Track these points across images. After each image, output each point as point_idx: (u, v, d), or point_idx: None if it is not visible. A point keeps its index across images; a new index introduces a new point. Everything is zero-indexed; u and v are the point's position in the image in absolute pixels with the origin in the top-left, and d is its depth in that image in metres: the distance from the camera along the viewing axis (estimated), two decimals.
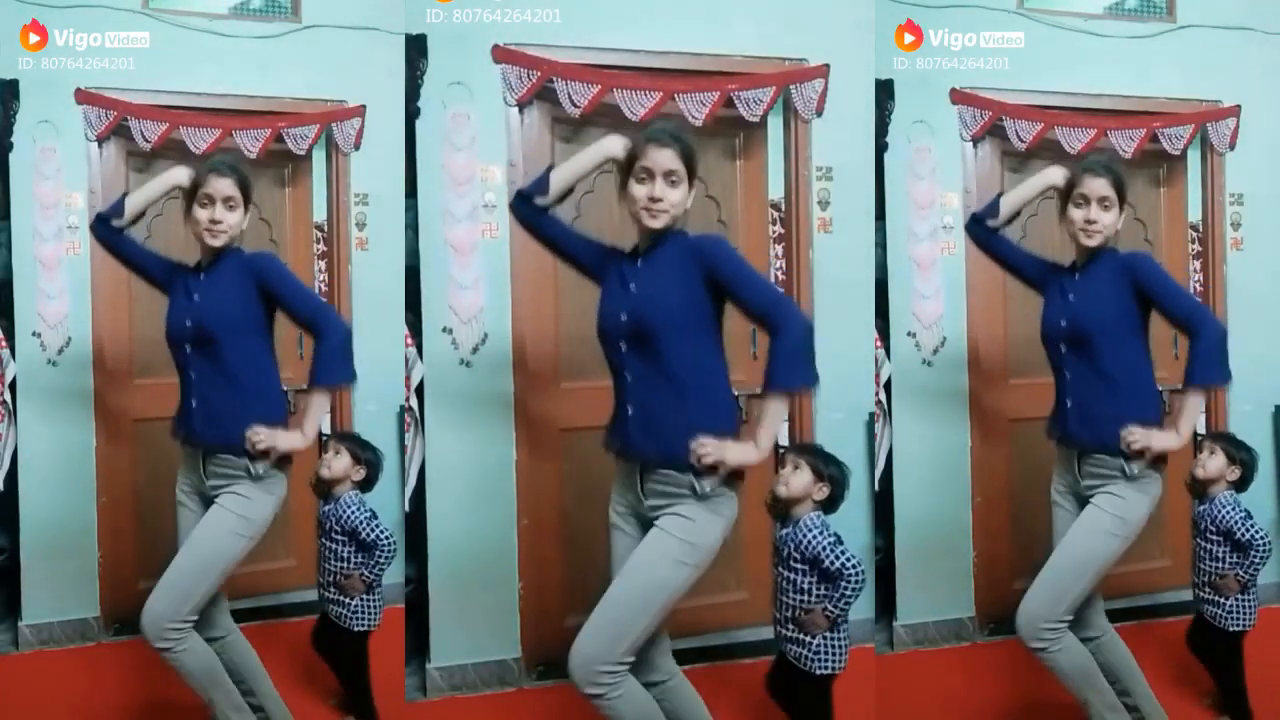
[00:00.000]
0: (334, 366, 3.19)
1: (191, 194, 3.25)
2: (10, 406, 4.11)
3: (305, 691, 3.81)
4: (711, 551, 2.86)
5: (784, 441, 4.26)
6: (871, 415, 4.09)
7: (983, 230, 3.38)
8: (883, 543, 4.08)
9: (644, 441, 2.85)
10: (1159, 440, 3.13)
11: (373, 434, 4.28)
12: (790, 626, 3.29)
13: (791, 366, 2.80)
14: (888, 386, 4.12)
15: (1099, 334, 3.19)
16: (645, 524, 2.89)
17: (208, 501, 3.24)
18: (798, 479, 3.32)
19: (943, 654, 4.18)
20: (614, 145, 2.92)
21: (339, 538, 3.63)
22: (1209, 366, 3.10)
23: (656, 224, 2.86)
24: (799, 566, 3.27)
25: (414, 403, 3.82)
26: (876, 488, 4.08)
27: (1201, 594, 3.74)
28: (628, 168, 2.90)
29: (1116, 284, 3.21)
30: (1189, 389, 3.13)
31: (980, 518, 4.27)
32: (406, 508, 3.78)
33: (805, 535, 3.26)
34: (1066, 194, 3.30)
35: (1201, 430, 4.62)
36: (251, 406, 3.19)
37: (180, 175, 3.27)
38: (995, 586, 4.30)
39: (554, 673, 3.94)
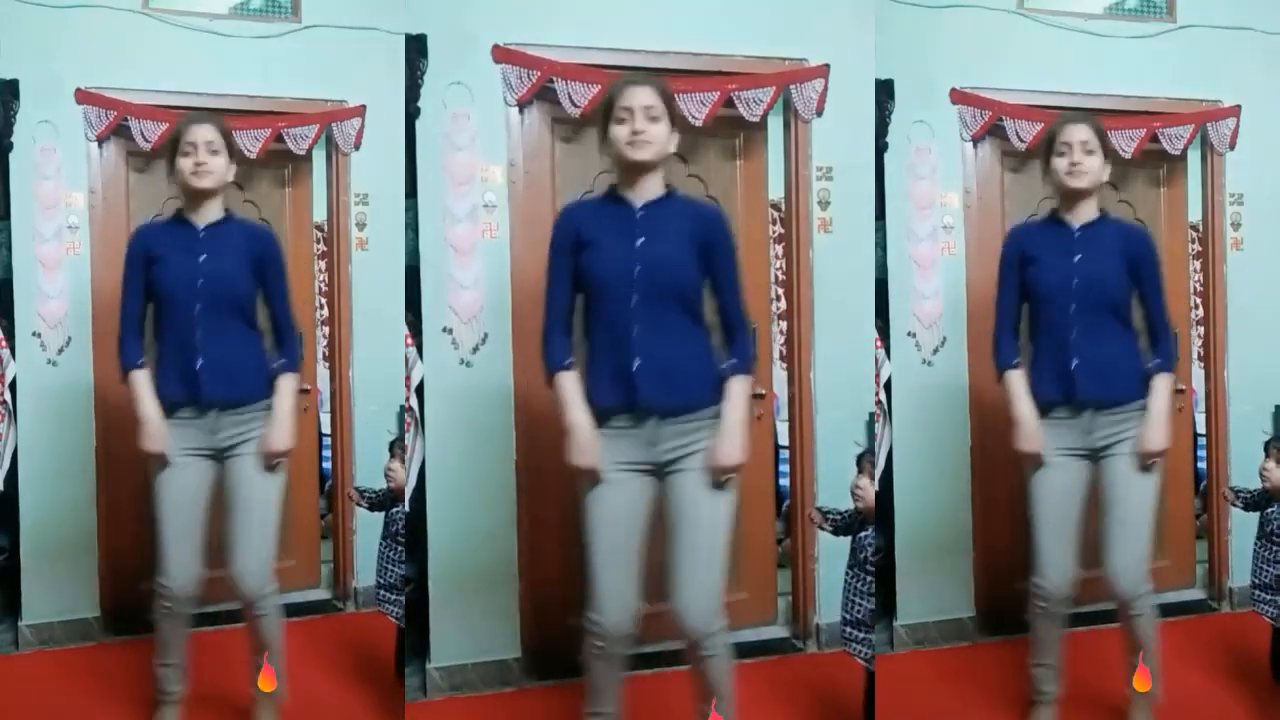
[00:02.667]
0: (292, 356, 3.30)
1: (173, 152, 3.25)
2: (10, 406, 4.11)
3: (307, 690, 3.81)
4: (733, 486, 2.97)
5: (784, 441, 4.27)
6: (871, 415, 4.09)
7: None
8: (883, 543, 4.08)
9: (657, 393, 2.89)
10: (1153, 438, 3.22)
11: (373, 434, 4.30)
12: (856, 629, 3.40)
13: (745, 356, 2.93)
14: (888, 386, 4.12)
15: (1114, 290, 3.26)
16: (659, 470, 2.95)
17: (216, 455, 3.27)
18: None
19: (943, 654, 4.18)
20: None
21: (399, 539, 3.72)
22: (1167, 357, 3.26)
23: (642, 155, 2.87)
24: (864, 574, 3.37)
25: (414, 403, 3.82)
26: (877, 488, 4.08)
27: (1260, 595, 3.72)
28: (606, 117, 2.91)
29: (1119, 250, 3.27)
30: (1157, 373, 3.24)
31: (980, 518, 4.27)
32: (406, 508, 3.78)
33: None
34: (1049, 150, 3.30)
35: (1202, 430, 4.65)
36: (260, 357, 3.30)
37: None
38: (995, 586, 4.30)
39: (554, 673, 3.94)
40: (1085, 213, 3.30)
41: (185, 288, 3.21)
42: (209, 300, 3.21)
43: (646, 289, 2.87)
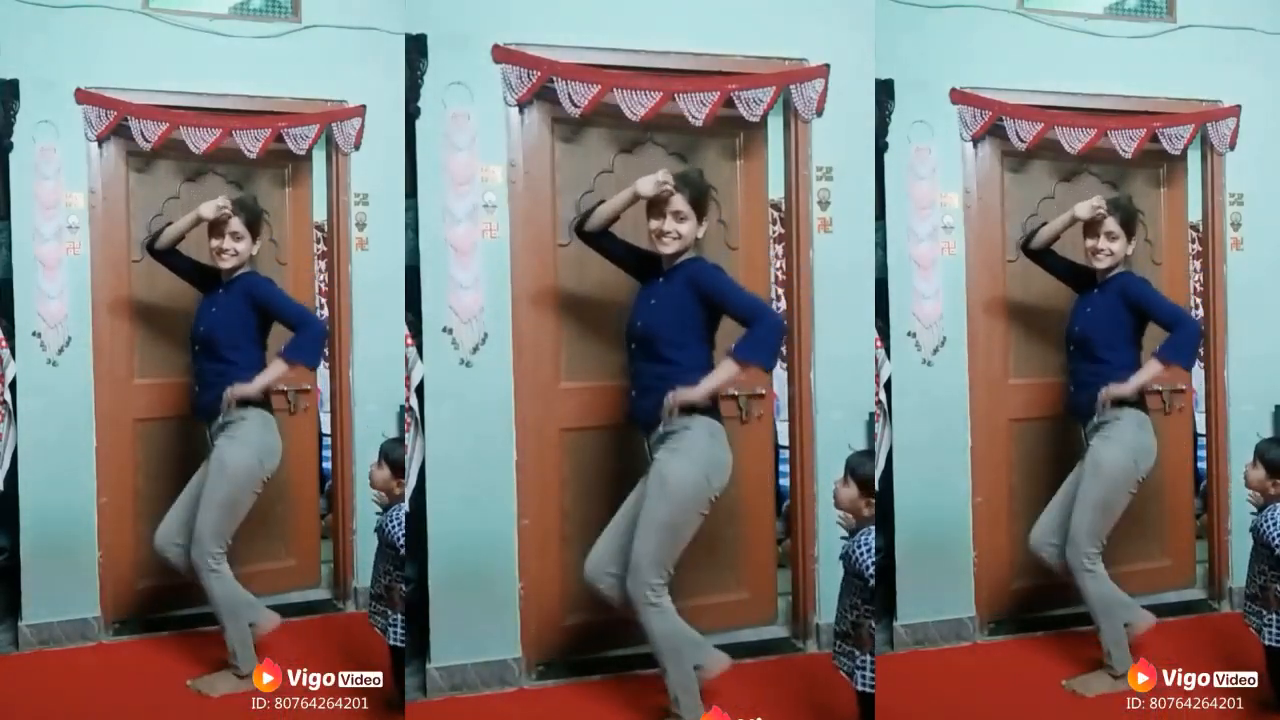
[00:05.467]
0: (300, 347, 3.91)
1: (212, 224, 3.90)
2: (10, 406, 4.11)
3: (302, 690, 3.81)
4: (681, 484, 3.47)
5: (784, 441, 4.27)
6: (871, 415, 4.09)
7: (1029, 249, 4.11)
8: (883, 543, 4.08)
9: (639, 415, 3.60)
10: (1115, 389, 3.84)
11: (373, 434, 4.30)
12: (843, 642, 3.39)
13: (754, 346, 3.44)
14: (888, 386, 4.12)
15: (1098, 340, 3.90)
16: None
17: None
18: (845, 493, 3.44)
19: (943, 654, 4.18)
20: (645, 185, 3.51)
21: (386, 550, 3.71)
22: (1175, 348, 3.83)
23: (667, 250, 3.53)
24: (852, 581, 3.37)
25: (414, 403, 3.82)
26: (877, 488, 4.08)
27: (1247, 607, 3.71)
28: (651, 204, 3.53)
29: (1116, 302, 3.90)
30: (1153, 357, 3.84)
31: (980, 518, 4.27)
32: (407, 508, 3.78)
33: (856, 550, 3.37)
34: (1086, 228, 3.92)
35: (1202, 429, 4.65)
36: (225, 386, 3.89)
37: (206, 209, 3.90)
38: (995, 586, 4.30)
39: (554, 672, 3.94)
40: (1105, 276, 3.94)
41: (194, 334, 3.97)
42: (204, 343, 3.94)
43: (641, 340, 3.56)
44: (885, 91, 4.08)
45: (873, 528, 3.39)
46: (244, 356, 3.91)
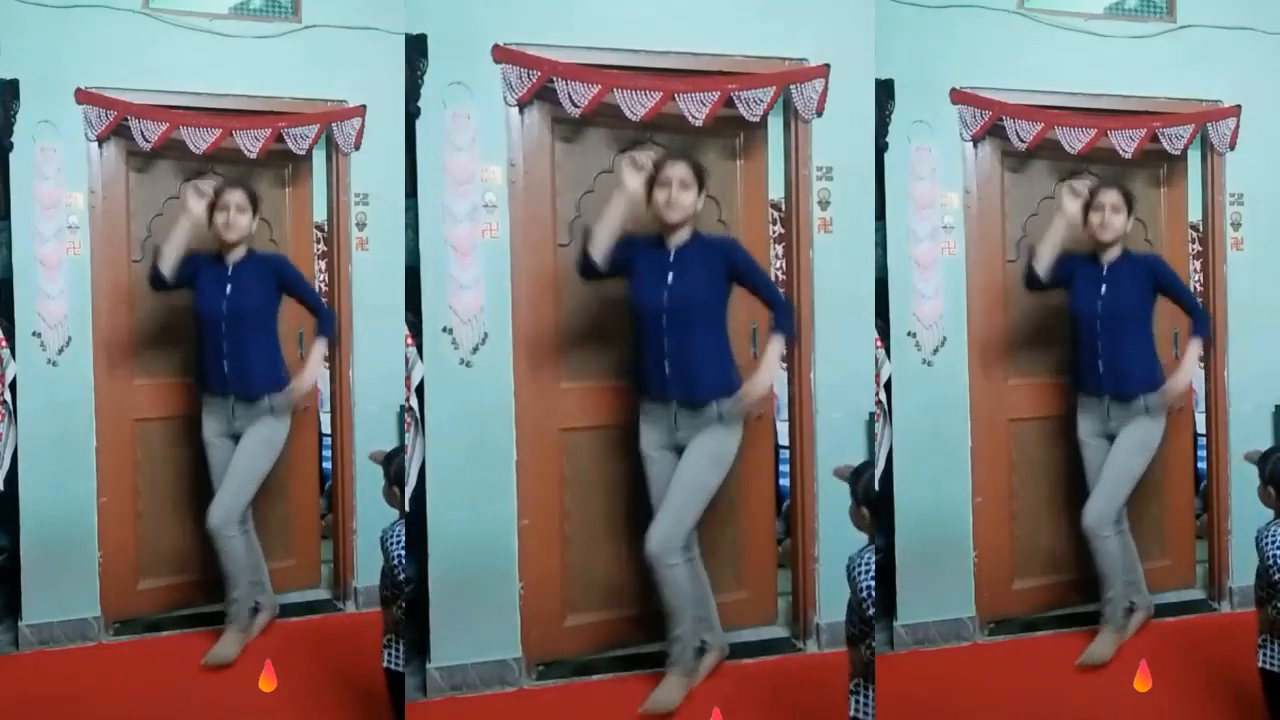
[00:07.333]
0: (327, 325, 4.27)
1: (210, 205, 4.08)
2: (10, 406, 4.11)
3: (302, 691, 3.82)
4: (731, 456, 3.77)
5: (784, 441, 4.27)
6: (871, 415, 4.09)
7: (1037, 283, 4.16)
8: (883, 543, 4.08)
9: (679, 389, 3.71)
10: (1179, 384, 4.14)
11: (373, 434, 4.30)
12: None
13: (785, 325, 3.76)
14: (888, 386, 4.12)
15: (1128, 316, 4.08)
16: (678, 450, 3.74)
17: (235, 437, 4.14)
18: (852, 504, 3.38)
19: (943, 654, 4.18)
20: (634, 184, 3.66)
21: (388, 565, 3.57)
22: (1204, 326, 4.20)
23: (674, 216, 3.67)
24: (853, 597, 3.23)
25: (414, 403, 3.82)
26: (877, 488, 4.08)
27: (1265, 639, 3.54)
28: (651, 181, 3.68)
29: (1140, 279, 4.09)
30: (1194, 336, 4.14)
31: (980, 518, 4.27)
32: (406, 508, 3.78)
33: (854, 568, 3.26)
34: (1087, 205, 4.08)
35: (1202, 430, 4.65)
36: (265, 366, 4.16)
37: (195, 209, 4.08)
38: (995, 586, 4.30)
39: (554, 672, 3.94)
40: (1111, 254, 4.10)
41: (216, 312, 4.08)
42: (231, 321, 4.07)
43: (672, 313, 3.66)
44: (885, 91, 4.08)
45: (872, 547, 3.27)
46: (269, 335, 4.17)
